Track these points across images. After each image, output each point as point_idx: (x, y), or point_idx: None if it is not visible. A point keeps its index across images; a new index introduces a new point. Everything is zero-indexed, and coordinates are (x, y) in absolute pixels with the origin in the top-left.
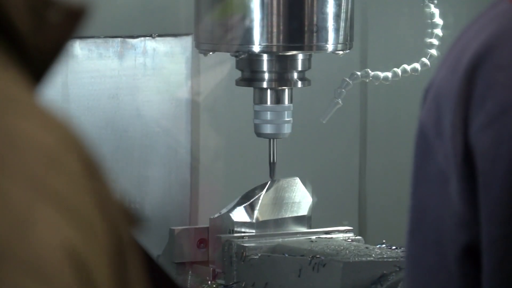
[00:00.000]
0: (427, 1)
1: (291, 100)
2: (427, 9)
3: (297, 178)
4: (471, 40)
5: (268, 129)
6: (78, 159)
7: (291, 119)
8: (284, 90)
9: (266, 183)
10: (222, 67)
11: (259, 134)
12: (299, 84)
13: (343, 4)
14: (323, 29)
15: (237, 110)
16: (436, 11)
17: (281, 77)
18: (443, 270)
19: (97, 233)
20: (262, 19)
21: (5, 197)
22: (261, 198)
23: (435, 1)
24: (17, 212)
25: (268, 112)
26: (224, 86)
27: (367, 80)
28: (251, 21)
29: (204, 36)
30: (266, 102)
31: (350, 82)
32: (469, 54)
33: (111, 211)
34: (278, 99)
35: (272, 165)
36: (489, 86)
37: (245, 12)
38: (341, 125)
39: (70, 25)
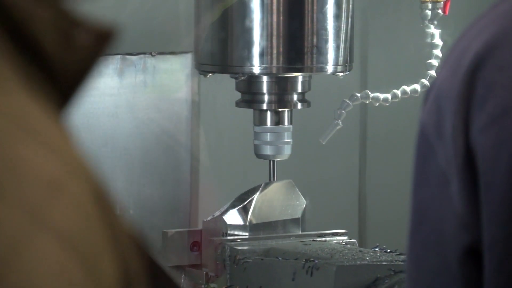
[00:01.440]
0: (427, 22)
1: (291, 121)
2: (427, 30)
3: (291, 180)
4: (472, 40)
5: (268, 150)
6: (84, 187)
7: (291, 140)
8: (284, 111)
9: (260, 185)
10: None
11: (259, 156)
12: (299, 105)
13: (342, 25)
14: (323, 50)
15: (237, 110)
16: (436, 32)
17: (281, 99)
18: (445, 272)
19: (98, 266)
20: (262, 40)
21: (1, 225)
22: (254, 200)
23: (435, 22)
24: (11, 238)
25: (268, 134)
26: (224, 86)
27: (367, 102)
28: (251, 43)
29: (204, 57)
30: (266, 124)
31: (350, 103)
32: (470, 55)
33: (119, 241)
34: (278, 121)
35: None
36: (489, 87)
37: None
38: (341, 129)
39: (98, 46)
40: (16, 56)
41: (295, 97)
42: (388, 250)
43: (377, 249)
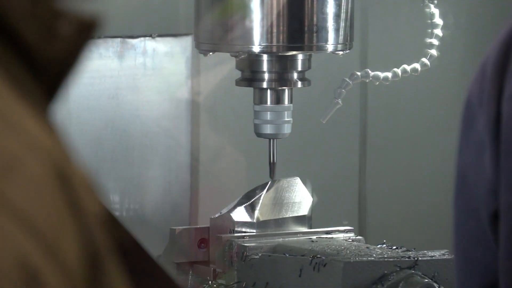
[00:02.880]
0: (427, 1)
1: (291, 100)
2: (427, 9)
3: (298, 178)
4: None
5: (268, 129)
6: (43, 164)
7: (291, 119)
8: (284, 90)
9: (267, 183)
10: (222, 67)
11: (259, 134)
12: (299, 84)
13: (343, 4)
14: (323, 29)
15: (237, 110)
16: (436, 11)
17: (281, 77)
18: (482, 236)
19: (59, 246)
20: (262, 19)
21: None
22: (261, 198)
23: (435, 1)
24: None
25: (268, 112)
26: (224, 86)
27: (367, 80)
28: (251, 21)
29: (204, 36)
30: (266, 102)
31: (350, 82)
32: (510, 24)
33: (84, 219)
34: (278, 99)
35: (272, 165)
36: None
37: (245, 12)
38: (341, 125)
39: (82, 36)
40: None
41: (295, 75)
42: (394, 247)
43: (383, 245)
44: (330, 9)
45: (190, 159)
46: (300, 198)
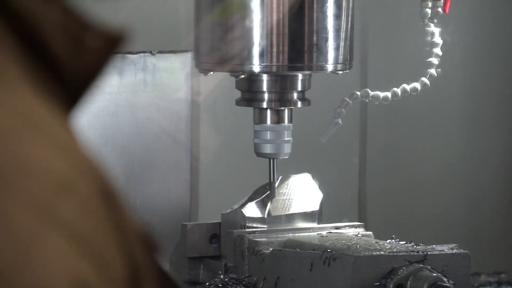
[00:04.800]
0: (426, 21)
1: (291, 119)
2: (427, 29)
3: (308, 174)
4: None
5: (268, 148)
6: (92, 185)
7: (291, 138)
8: (284, 110)
9: (277, 178)
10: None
11: (259, 154)
12: (299, 104)
13: (343, 24)
14: (323, 49)
15: (237, 110)
16: (436, 30)
17: (281, 97)
18: None
19: (108, 263)
20: (262, 39)
21: (11, 223)
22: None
23: (435, 21)
24: (23, 238)
25: (268, 132)
26: (224, 86)
27: (367, 100)
28: (251, 41)
29: (204, 55)
30: (266, 122)
31: (350, 102)
32: None
33: (127, 239)
34: (278, 119)
35: (272, 185)
36: None
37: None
38: (341, 125)
39: (108, 50)
40: (24, 57)
41: (295, 95)
42: (403, 242)
43: (392, 240)
44: (330, 28)
45: (190, 159)
46: (310, 193)
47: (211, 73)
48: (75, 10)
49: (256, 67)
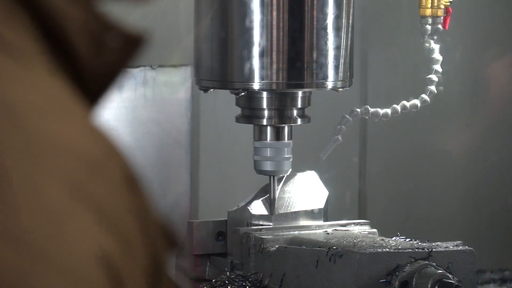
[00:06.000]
0: (426, 37)
1: (291, 136)
2: (427, 45)
3: (314, 171)
4: None
5: (268, 166)
6: (119, 169)
7: (291, 156)
8: (284, 127)
9: (283, 177)
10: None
11: (259, 171)
12: (299, 121)
13: (343, 41)
14: (323, 66)
15: (237, 110)
16: (436, 46)
17: (281, 114)
18: None
19: (134, 245)
20: (261, 56)
21: (43, 198)
22: (278, 191)
23: (435, 37)
24: (54, 213)
25: (268, 149)
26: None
27: (367, 117)
28: (251, 58)
29: (203, 73)
30: (265, 139)
31: (350, 118)
32: None
33: (149, 226)
34: (277, 136)
35: (272, 202)
36: None
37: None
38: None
39: (128, 51)
40: (47, 52)
41: (295, 112)
42: (408, 239)
43: (397, 238)
44: (330, 46)
45: (190, 159)
46: (316, 191)
47: (211, 90)
48: (98, 10)
49: (256, 85)
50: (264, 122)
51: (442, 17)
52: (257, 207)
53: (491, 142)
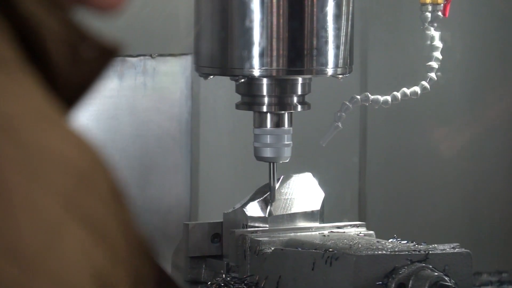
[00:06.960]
0: (427, 24)
1: (291, 123)
2: (427, 32)
3: (309, 173)
4: None
5: (268, 152)
6: (105, 181)
7: (291, 142)
8: (284, 113)
9: (279, 178)
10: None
11: (259, 158)
12: (299, 108)
13: (342, 27)
14: (323, 53)
15: (237, 110)
16: (436, 34)
17: (281, 101)
18: None
19: (121, 257)
20: (262, 43)
21: (37, 208)
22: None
23: (435, 24)
24: (48, 225)
25: (268, 136)
26: (224, 86)
27: (367, 104)
28: (251, 45)
29: (203, 59)
30: (266, 126)
31: (350, 105)
32: None
33: (132, 238)
34: (278, 123)
35: (272, 189)
36: None
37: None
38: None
39: (102, 61)
40: (24, 58)
41: (295, 99)
42: (405, 241)
43: (394, 240)
44: (330, 32)
45: (190, 159)
46: (312, 193)
47: (211, 77)
48: (75, 20)
49: (256, 71)
50: (264, 109)
51: (442, 4)
52: (253, 209)
53: (490, 145)
